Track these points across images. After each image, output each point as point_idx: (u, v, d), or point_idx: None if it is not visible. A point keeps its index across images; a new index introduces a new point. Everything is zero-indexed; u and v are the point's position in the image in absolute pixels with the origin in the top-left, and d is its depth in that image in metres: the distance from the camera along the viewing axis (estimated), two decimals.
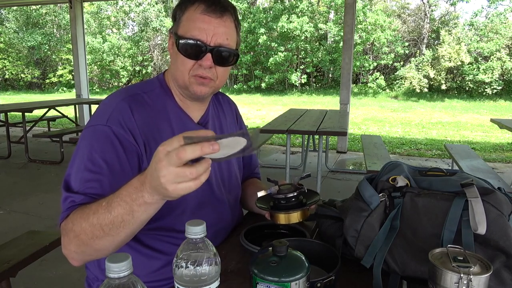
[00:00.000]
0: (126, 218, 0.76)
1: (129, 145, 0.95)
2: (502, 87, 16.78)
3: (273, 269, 0.68)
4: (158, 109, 1.04)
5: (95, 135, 0.94)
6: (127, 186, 0.76)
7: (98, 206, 0.80)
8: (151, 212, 0.77)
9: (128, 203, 0.74)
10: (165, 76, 1.11)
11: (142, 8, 22.87)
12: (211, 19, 0.97)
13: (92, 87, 21.50)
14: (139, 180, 0.73)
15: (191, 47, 0.97)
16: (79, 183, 0.90)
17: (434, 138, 8.16)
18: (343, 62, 6.13)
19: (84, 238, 0.81)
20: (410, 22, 21.77)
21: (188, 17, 0.99)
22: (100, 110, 0.99)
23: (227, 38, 0.99)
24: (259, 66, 20.56)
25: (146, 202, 0.72)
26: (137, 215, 0.75)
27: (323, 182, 4.48)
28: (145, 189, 0.71)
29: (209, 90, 1.03)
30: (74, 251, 0.85)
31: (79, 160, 0.93)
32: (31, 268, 1.71)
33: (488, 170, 3.66)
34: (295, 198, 1.06)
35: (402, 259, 0.86)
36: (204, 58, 0.97)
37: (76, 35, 7.70)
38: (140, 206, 0.73)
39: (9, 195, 4.24)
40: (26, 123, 5.80)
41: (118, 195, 0.76)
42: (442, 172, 0.97)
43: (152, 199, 0.72)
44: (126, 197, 0.75)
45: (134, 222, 0.77)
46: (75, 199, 0.89)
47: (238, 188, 1.25)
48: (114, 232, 0.78)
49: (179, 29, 1.00)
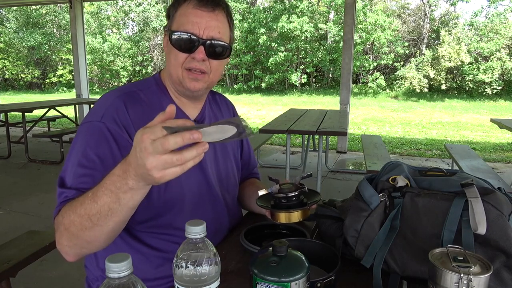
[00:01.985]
0: (113, 206, 0.76)
1: (123, 141, 0.96)
2: (502, 87, 16.78)
3: (273, 269, 0.68)
4: (153, 106, 1.04)
5: (89, 131, 0.96)
6: (110, 175, 0.76)
7: (84, 197, 0.81)
8: (138, 198, 0.76)
9: (113, 192, 0.75)
10: (161, 75, 1.12)
11: (142, 8, 22.87)
12: (203, 13, 0.99)
13: (92, 87, 21.50)
14: (121, 169, 0.73)
15: (184, 40, 0.99)
16: (73, 178, 0.92)
17: (434, 138, 8.16)
18: (343, 62, 6.13)
19: (74, 230, 0.82)
20: (410, 22, 21.78)
21: (180, 13, 1.01)
22: (96, 107, 1.01)
23: (219, 32, 1.01)
24: (259, 66, 20.56)
25: (131, 188, 0.73)
26: (124, 202, 0.75)
27: (323, 182, 4.48)
28: (129, 176, 0.71)
29: (203, 85, 1.04)
30: (66, 245, 0.86)
31: (73, 155, 0.94)
32: (31, 268, 1.72)
33: (488, 170, 3.66)
34: (296, 198, 1.06)
35: (402, 259, 0.86)
36: (197, 51, 0.99)
37: (76, 35, 7.71)
38: (125, 193, 0.74)
39: (9, 195, 4.24)
40: (26, 123, 5.80)
41: (103, 185, 0.76)
42: (442, 172, 0.97)
43: (138, 185, 0.72)
44: (111, 185, 0.75)
45: (122, 209, 0.77)
46: (68, 194, 0.90)
47: (236, 187, 1.26)
48: (102, 222, 0.78)
49: (172, 25, 1.02)
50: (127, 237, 1.03)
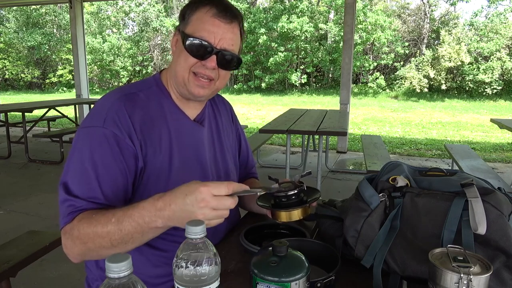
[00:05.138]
0: (135, 236, 0.83)
1: (125, 146, 0.96)
2: (502, 87, 16.78)
3: (273, 269, 0.68)
4: (153, 107, 1.04)
5: (92, 137, 0.94)
6: (138, 208, 0.82)
7: (106, 220, 0.84)
8: (158, 233, 0.85)
9: (139, 225, 0.82)
10: (161, 75, 1.12)
11: (142, 8, 22.88)
12: (220, 23, 0.99)
13: (92, 87, 21.51)
14: (153, 205, 0.80)
15: (198, 47, 0.99)
16: (79, 187, 0.91)
17: (434, 138, 8.16)
18: (343, 62, 6.13)
19: (91, 246, 0.86)
20: (410, 22, 21.78)
21: (198, 18, 1.00)
22: (96, 110, 0.99)
23: (232, 44, 1.02)
24: (259, 66, 20.56)
25: (158, 227, 0.81)
26: (147, 235, 0.84)
27: (323, 182, 4.48)
28: (161, 215, 0.79)
29: (207, 92, 1.04)
30: (78, 254, 0.90)
31: (76, 162, 0.93)
32: (31, 268, 1.71)
33: (488, 170, 3.66)
34: (296, 196, 1.06)
35: (402, 259, 0.86)
36: (209, 59, 0.99)
37: (76, 35, 7.71)
38: (151, 229, 0.82)
39: (9, 195, 4.23)
40: (26, 123, 5.80)
41: (130, 216, 0.82)
42: (442, 172, 0.97)
43: (165, 226, 0.80)
44: (139, 218, 0.81)
45: (143, 240, 0.85)
46: (76, 203, 0.90)
47: None
48: (122, 246, 0.85)
49: (187, 28, 1.01)
50: None
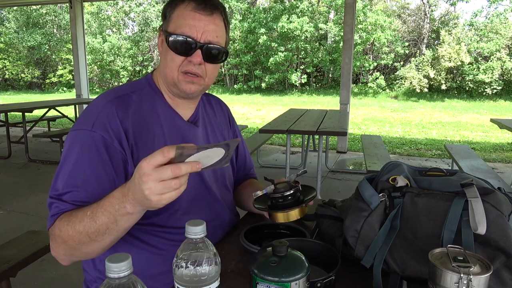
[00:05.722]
0: (110, 226, 0.82)
1: (114, 150, 0.95)
2: (502, 87, 16.77)
3: (273, 269, 0.68)
4: (147, 108, 1.04)
5: (80, 140, 0.94)
6: (109, 197, 0.81)
7: (83, 215, 0.84)
8: (133, 221, 0.83)
9: (111, 213, 0.80)
10: (153, 75, 1.11)
11: (142, 8, 22.88)
12: (201, 16, 0.98)
13: (92, 87, 21.49)
14: (121, 192, 0.79)
15: (181, 43, 0.98)
16: (65, 190, 0.92)
17: (434, 138, 8.15)
18: (343, 62, 6.13)
19: (72, 244, 0.87)
20: (410, 22, 21.78)
21: (178, 15, 1.00)
22: (87, 113, 0.99)
23: (216, 36, 1.01)
24: (259, 66, 20.55)
25: (128, 212, 0.78)
26: (121, 224, 0.82)
27: (323, 182, 4.48)
28: (127, 200, 0.77)
29: (198, 88, 1.04)
30: (63, 254, 0.91)
31: (65, 166, 0.93)
32: (31, 268, 1.71)
33: (488, 170, 3.66)
34: (292, 196, 1.06)
35: (402, 259, 0.86)
36: (194, 55, 0.99)
37: (76, 35, 7.71)
38: (122, 216, 0.80)
39: (9, 195, 4.23)
40: (26, 123, 5.80)
41: (102, 206, 0.82)
42: (442, 172, 0.97)
43: (134, 210, 0.78)
44: (109, 207, 0.80)
45: (118, 229, 0.83)
46: (60, 205, 0.91)
47: (231, 185, 1.27)
48: (100, 238, 0.84)
49: (169, 26, 1.01)
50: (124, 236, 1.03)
